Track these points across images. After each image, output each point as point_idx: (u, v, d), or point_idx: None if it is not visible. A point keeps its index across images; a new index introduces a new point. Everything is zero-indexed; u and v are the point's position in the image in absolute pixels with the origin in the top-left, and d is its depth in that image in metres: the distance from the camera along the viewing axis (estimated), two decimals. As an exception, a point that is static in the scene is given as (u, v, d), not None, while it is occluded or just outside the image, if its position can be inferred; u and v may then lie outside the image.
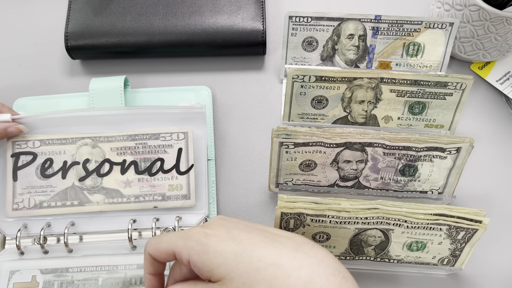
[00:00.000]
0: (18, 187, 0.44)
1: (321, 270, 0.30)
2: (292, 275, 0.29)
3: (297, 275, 0.29)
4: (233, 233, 0.32)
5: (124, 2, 0.55)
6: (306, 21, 0.51)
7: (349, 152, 0.44)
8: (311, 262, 0.31)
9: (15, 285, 0.43)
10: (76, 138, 0.45)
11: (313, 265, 0.30)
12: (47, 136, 0.45)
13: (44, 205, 0.44)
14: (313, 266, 0.30)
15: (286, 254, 0.31)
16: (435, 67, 0.53)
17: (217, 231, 0.32)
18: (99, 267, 0.43)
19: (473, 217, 0.40)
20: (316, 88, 0.48)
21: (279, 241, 0.32)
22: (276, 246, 0.31)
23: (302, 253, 0.31)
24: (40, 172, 0.44)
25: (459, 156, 0.44)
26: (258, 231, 0.32)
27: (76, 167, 0.45)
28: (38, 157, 0.44)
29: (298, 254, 0.31)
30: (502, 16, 0.48)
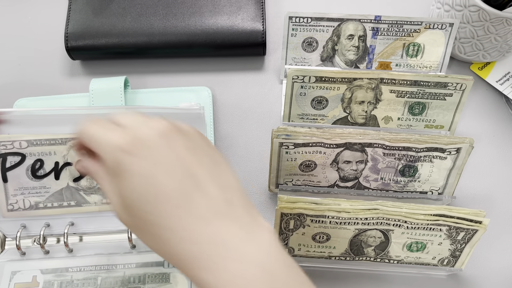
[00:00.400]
0: (10, 188, 0.43)
1: (214, 251, 0.27)
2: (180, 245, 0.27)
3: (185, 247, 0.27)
4: (156, 171, 0.28)
5: (124, 3, 0.55)
6: (306, 21, 0.51)
7: (349, 153, 0.44)
8: (208, 239, 0.28)
9: (16, 286, 0.43)
10: (66, 138, 0.43)
11: (208, 243, 0.27)
12: (35, 136, 0.42)
13: (40, 206, 0.44)
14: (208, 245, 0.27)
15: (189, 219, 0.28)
16: (435, 68, 0.53)
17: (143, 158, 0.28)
18: (98, 267, 0.43)
19: (473, 218, 0.40)
20: (316, 88, 0.48)
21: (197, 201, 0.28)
22: (184, 206, 0.28)
23: (207, 223, 0.28)
24: (31, 173, 0.43)
25: (459, 157, 0.44)
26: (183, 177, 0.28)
27: (69, 168, 0.43)
28: (27, 158, 0.42)
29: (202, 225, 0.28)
30: (502, 17, 0.48)
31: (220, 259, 0.27)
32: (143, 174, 0.28)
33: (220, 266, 0.27)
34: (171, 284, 0.43)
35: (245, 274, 0.26)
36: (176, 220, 0.27)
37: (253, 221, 0.28)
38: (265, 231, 0.28)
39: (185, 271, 0.28)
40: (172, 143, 0.29)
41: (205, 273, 0.27)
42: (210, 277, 0.26)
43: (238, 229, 0.28)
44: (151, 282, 0.43)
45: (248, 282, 0.26)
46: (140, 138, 0.28)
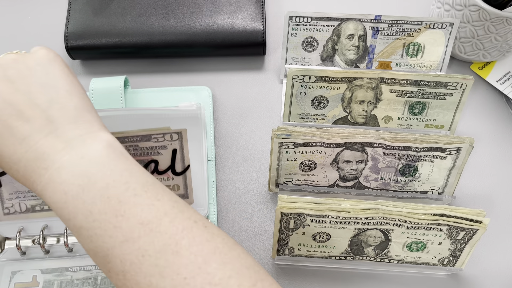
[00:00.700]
0: (4, 192, 0.42)
1: (36, 165, 0.30)
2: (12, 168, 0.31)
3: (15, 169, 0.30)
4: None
5: (124, 2, 0.55)
6: (306, 21, 0.51)
7: (349, 152, 0.44)
8: (30, 157, 0.30)
9: (16, 285, 0.43)
10: None
11: (30, 160, 0.30)
12: None
13: (37, 209, 0.43)
14: (30, 161, 0.30)
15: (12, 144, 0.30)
16: (435, 67, 0.53)
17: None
18: (98, 266, 0.43)
19: (473, 217, 0.40)
20: (316, 88, 0.48)
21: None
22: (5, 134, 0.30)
23: (28, 143, 0.30)
24: None
25: (459, 156, 0.44)
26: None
27: None
28: None
29: (24, 146, 0.30)
30: (502, 16, 0.48)
31: (39, 170, 0.29)
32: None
33: (40, 177, 0.29)
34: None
35: (58, 181, 0.29)
36: (2, 148, 0.30)
37: (81, 135, 0.30)
38: (98, 142, 0.30)
39: (27, 187, 0.31)
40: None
41: (34, 185, 0.30)
42: (37, 189, 0.30)
43: (58, 142, 0.29)
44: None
45: (62, 188, 0.28)
46: None
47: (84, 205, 0.28)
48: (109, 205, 0.28)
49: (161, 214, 0.28)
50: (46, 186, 0.29)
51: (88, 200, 0.28)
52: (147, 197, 0.29)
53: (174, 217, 0.28)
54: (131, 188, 0.29)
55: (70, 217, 0.28)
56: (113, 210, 0.28)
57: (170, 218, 0.28)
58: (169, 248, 0.27)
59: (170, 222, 0.28)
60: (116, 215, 0.28)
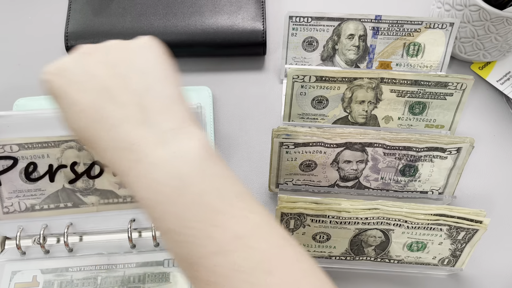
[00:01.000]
0: (4, 191, 0.42)
1: (125, 156, 0.28)
2: (99, 154, 0.29)
3: (103, 155, 0.29)
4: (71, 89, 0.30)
5: (124, 2, 0.55)
6: (306, 21, 0.51)
7: (350, 152, 0.44)
8: (119, 146, 0.29)
9: (16, 285, 0.43)
10: (59, 141, 0.41)
11: (118, 150, 0.28)
12: (26, 140, 0.41)
13: (36, 208, 0.43)
14: (118, 151, 0.28)
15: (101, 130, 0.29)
16: (436, 67, 0.53)
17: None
18: (98, 266, 0.43)
19: (473, 217, 0.40)
20: (316, 88, 0.48)
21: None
22: (96, 118, 0.29)
23: (119, 131, 0.29)
24: (25, 176, 0.42)
25: (459, 156, 0.44)
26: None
27: (64, 170, 0.42)
28: (19, 161, 0.42)
29: (113, 133, 0.29)
30: (503, 16, 0.48)
31: (129, 161, 0.27)
32: (62, 93, 0.30)
33: (129, 169, 0.27)
34: (170, 283, 0.43)
35: (151, 178, 0.27)
36: (95, 132, 0.29)
37: (174, 128, 0.28)
38: (191, 139, 0.28)
39: (117, 175, 0.29)
40: (89, 61, 0.30)
41: (122, 176, 0.28)
42: (124, 179, 0.28)
43: (151, 134, 0.28)
44: (151, 281, 0.43)
45: (154, 187, 0.27)
46: (61, 62, 0.30)
47: (177, 208, 0.26)
48: (204, 213, 0.26)
49: (255, 229, 0.27)
50: (136, 180, 0.27)
51: (182, 204, 0.26)
52: (241, 208, 0.27)
53: (267, 233, 0.27)
54: (227, 197, 0.27)
55: (160, 218, 0.27)
56: (208, 219, 0.26)
57: (263, 233, 0.27)
58: (262, 265, 0.26)
59: (264, 238, 0.27)
60: (211, 224, 0.26)
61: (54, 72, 0.30)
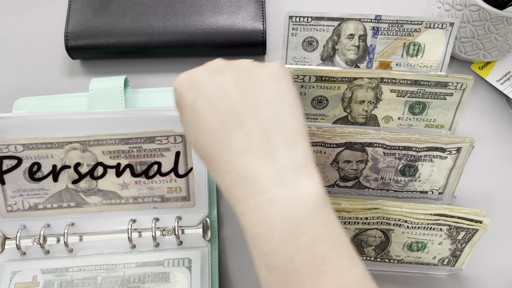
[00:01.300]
0: (8, 190, 0.43)
1: (245, 185, 0.28)
2: (219, 175, 0.30)
3: (222, 177, 0.30)
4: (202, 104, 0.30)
5: (124, 2, 0.55)
6: (306, 21, 0.51)
7: (349, 152, 0.44)
8: (242, 173, 0.29)
9: (16, 285, 0.43)
10: (63, 142, 0.42)
11: (240, 177, 0.29)
12: (30, 140, 0.41)
13: (40, 207, 0.44)
14: (240, 178, 0.29)
15: (226, 153, 0.29)
16: (436, 67, 0.53)
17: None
18: (98, 266, 0.43)
19: (473, 217, 0.40)
20: (316, 88, 0.48)
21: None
22: (223, 140, 0.29)
23: (243, 158, 0.29)
24: (29, 176, 0.42)
25: (459, 156, 0.44)
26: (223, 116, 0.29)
27: (68, 171, 0.43)
28: (23, 161, 0.42)
29: (239, 159, 0.29)
30: (503, 16, 0.48)
31: (246, 191, 0.28)
32: (190, 106, 0.30)
33: (245, 198, 0.28)
34: (171, 283, 0.43)
35: (267, 215, 0.27)
36: (216, 152, 0.29)
37: (295, 168, 0.28)
38: (308, 182, 0.28)
39: (227, 198, 0.29)
40: (221, 79, 0.31)
41: (235, 202, 0.28)
42: (237, 207, 0.28)
43: (272, 170, 0.28)
44: (151, 281, 0.43)
45: (268, 223, 0.27)
46: (194, 75, 0.31)
47: (287, 250, 0.27)
48: (313, 260, 0.27)
49: (356, 283, 0.27)
50: (251, 211, 0.28)
51: (293, 247, 0.27)
52: (347, 260, 0.28)
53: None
54: (336, 248, 0.28)
55: (268, 253, 0.27)
56: (316, 266, 0.27)
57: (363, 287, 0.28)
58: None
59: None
60: (317, 272, 0.27)
61: (186, 83, 0.31)
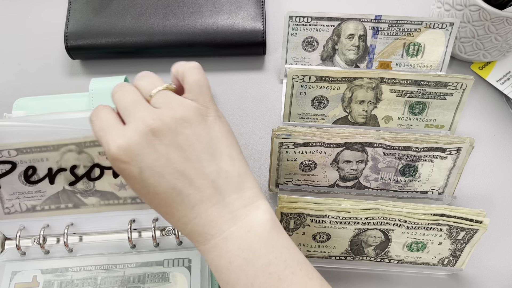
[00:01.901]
0: (4, 193, 0.42)
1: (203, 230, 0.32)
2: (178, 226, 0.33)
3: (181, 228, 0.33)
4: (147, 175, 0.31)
5: (124, 2, 0.55)
6: (306, 21, 0.51)
7: (349, 152, 0.44)
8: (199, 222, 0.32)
9: (16, 285, 0.43)
10: (58, 145, 0.41)
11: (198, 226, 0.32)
12: (24, 144, 0.41)
13: (37, 209, 0.43)
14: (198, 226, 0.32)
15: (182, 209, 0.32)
16: (436, 67, 0.53)
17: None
18: (98, 266, 0.43)
19: (473, 217, 0.40)
20: (316, 88, 0.48)
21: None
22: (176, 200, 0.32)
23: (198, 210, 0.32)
24: (24, 179, 0.42)
25: (459, 156, 0.44)
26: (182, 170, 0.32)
27: (64, 173, 0.42)
28: (18, 165, 0.41)
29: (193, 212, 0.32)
30: (503, 16, 0.48)
31: (205, 235, 0.32)
32: (136, 178, 0.32)
33: (205, 241, 0.32)
34: (170, 283, 0.43)
35: (225, 250, 0.31)
36: (171, 210, 0.32)
37: (245, 205, 0.32)
38: (257, 214, 0.32)
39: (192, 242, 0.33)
40: (160, 145, 0.31)
41: (196, 244, 0.33)
42: (199, 247, 0.33)
43: (225, 212, 0.32)
44: (151, 281, 0.43)
45: (227, 257, 0.31)
46: (130, 147, 0.31)
47: (246, 277, 0.30)
48: (270, 281, 0.30)
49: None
50: (211, 250, 0.32)
51: (251, 273, 0.30)
52: (301, 275, 0.31)
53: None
54: (289, 266, 0.31)
55: (229, 282, 0.31)
56: (273, 286, 0.30)
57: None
58: None
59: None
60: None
61: (124, 158, 0.31)
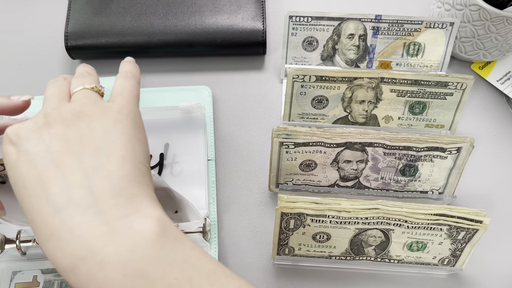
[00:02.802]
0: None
1: (69, 250, 0.24)
2: (42, 244, 0.25)
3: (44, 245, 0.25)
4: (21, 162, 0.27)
5: (124, 2, 0.55)
6: (307, 21, 0.51)
7: (350, 152, 0.44)
8: (63, 236, 0.24)
9: (16, 285, 0.43)
10: None
11: (62, 241, 0.24)
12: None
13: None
14: (62, 243, 0.24)
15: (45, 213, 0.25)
16: (436, 67, 0.53)
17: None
18: None
19: (473, 217, 0.40)
20: (316, 88, 0.48)
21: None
22: (41, 199, 0.26)
23: (63, 217, 0.25)
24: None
25: (459, 156, 0.44)
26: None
27: None
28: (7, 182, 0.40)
29: (57, 219, 0.25)
30: (503, 16, 0.48)
31: (73, 258, 0.23)
32: (12, 164, 0.27)
33: (74, 268, 0.23)
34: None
35: (104, 281, 0.23)
36: (35, 215, 0.25)
37: (126, 214, 0.25)
38: (142, 224, 0.25)
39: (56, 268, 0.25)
40: (47, 133, 0.27)
41: (65, 274, 0.24)
42: (70, 279, 0.24)
43: (98, 223, 0.24)
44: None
45: (108, 286, 0.23)
46: (21, 129, 0.28)
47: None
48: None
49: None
50: (86, 282, 0.23)
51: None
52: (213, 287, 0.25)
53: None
54: (196, 284, 0.24)
55: None
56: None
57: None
58: None
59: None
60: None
61: (11, 138, 0.28)
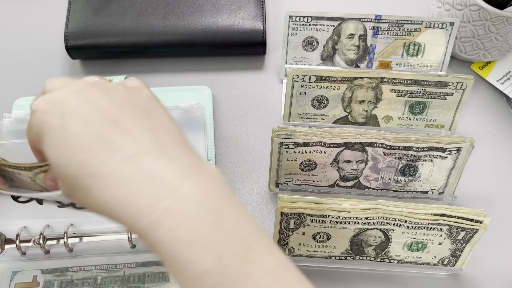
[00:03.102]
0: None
1: (146, 190, 0.24)
2: (107, 192, 0.25)
3: (113, 193, 0.25)
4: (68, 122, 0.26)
5: (124, 2, 0.55)
6: (307, 21, 0.51)
7: (350, 152, 0.44)
8: (138, 179, 0.25)
9: (16, 285, 0.43)
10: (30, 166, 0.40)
11: (138, 183, 0.25)
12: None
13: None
14: (137, 185, 0.25)
15: (113, 162, 0.25)
16: (436, 67, 0.53)
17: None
18: (98, 266, 0.43)
19: (473, 217, 0.40)
20: (316, 88, 0.48)
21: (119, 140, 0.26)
22: (105, 150, 0.25)
23: (136, 162, 0.25)
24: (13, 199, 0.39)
25: (459, 156, 0.44)
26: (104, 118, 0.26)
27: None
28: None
29: (130, 165, 0.25)
30: (503, 16, 0.48)
31: (150, 196, 0.24)
32: (56, 127, 0.26)
33: (150, 206, 0.24)
34: (170, 283, 0.43)
35: (184, 215, 0.24)
36: (99, 166, 0.25)
37: (194, 163, 0.26)
38: (212, 174, 0.26)
39: (122, 221, 0.25)
40: (88, 97, 0.27)
41: (136, 218, 0.24)
42: (141, 222, 0.24)
43: (174, 166, 0.25)
44: (151, 281, 0.43)
45: (188, 224, 0.24)
46: (53, 97, 0.27)
47: (216, 247, 0.24)
48: (239, 249, 0.24)
49: (278, 263, 0.26)
50: (160, 219, 0.24)
51: (221, 241, 0.24)
52: (264, 244, 0.26)
53: (288, 268, 0.26)
54: (253, 232, 0.26)
55: (194, 261, 0.24)
56: (244, 256, 0.24)
57: (287, 268, 0.26)
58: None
59: (288, 272, 0.26)
60: (247, 261, 0.24)
61: (45, 108, 0.27)
